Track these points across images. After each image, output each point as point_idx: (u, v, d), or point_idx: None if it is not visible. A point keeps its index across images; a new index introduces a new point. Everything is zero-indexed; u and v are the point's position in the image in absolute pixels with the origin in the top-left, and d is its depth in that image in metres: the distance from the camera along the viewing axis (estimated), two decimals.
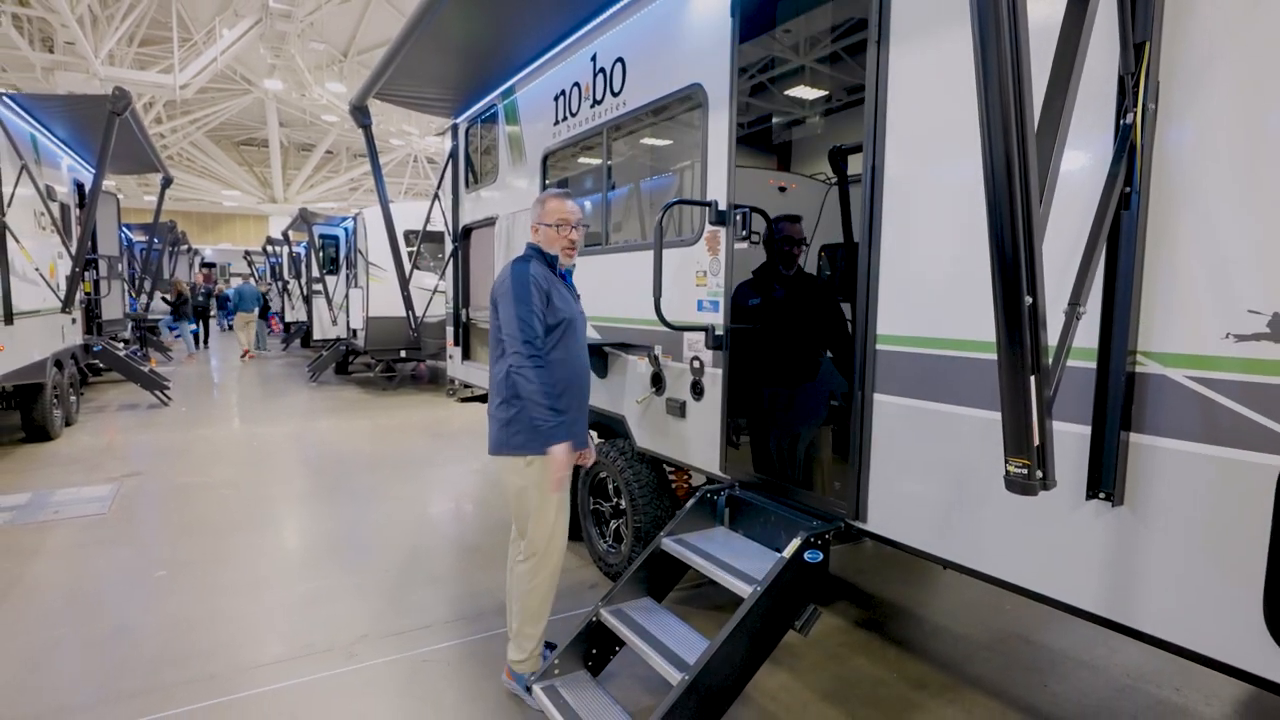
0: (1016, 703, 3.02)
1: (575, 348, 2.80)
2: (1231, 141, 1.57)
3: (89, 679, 3.10)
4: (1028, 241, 1.41)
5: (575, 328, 2.80)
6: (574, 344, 2.79)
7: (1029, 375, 1.46)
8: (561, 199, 2.81)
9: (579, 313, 2.87)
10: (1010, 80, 1.33)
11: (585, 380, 2.91)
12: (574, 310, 2.83)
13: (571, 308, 2.81)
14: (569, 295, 2.85)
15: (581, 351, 2.86)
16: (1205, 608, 1.64)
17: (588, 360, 2.93)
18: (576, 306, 2.87)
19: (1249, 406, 1.54)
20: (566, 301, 2.79)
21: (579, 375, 2.84)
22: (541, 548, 2.78)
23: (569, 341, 2.77)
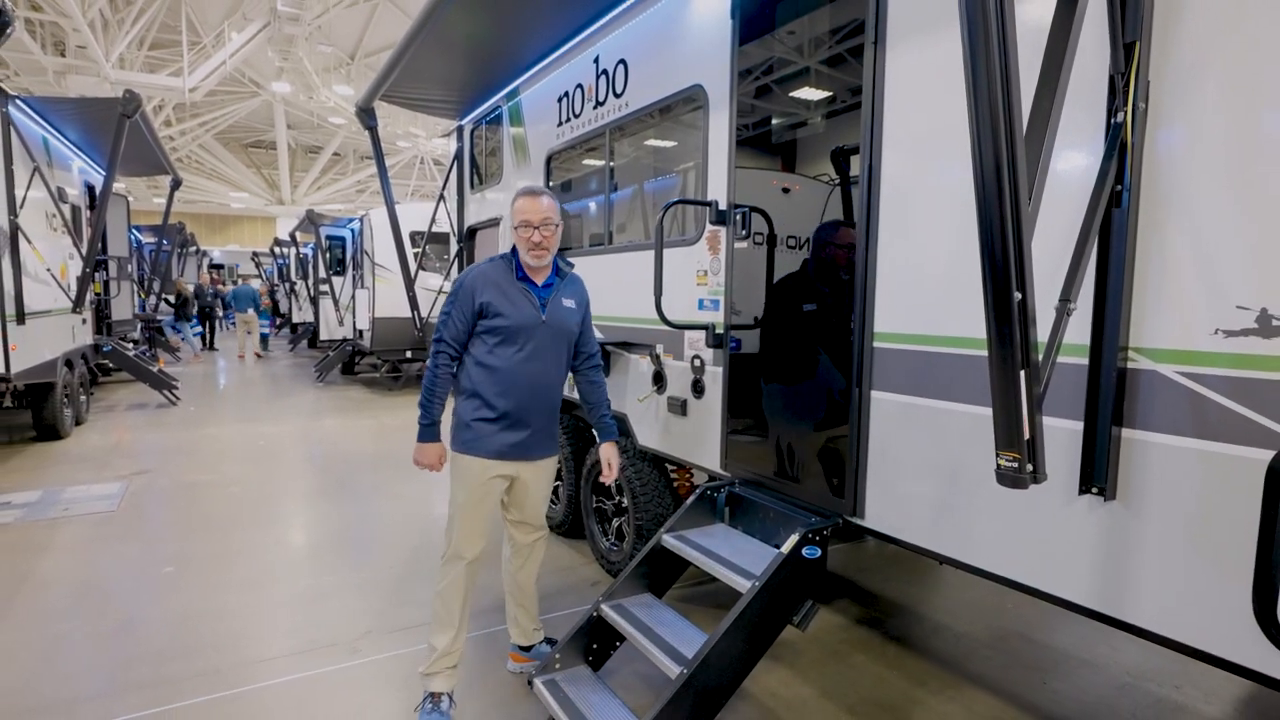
0: (1017, 700, 3.03)
1: (521, 357, 2.67)
2: (1220, 140, 1.59)
3: (98, 671, 3.15)
4: (1017, 239, 1.43)
5: (525, 336, 2.67)
6: (517, 352, 2.67)
7: (1019, 370, 1.48)
8: (530, 197, 2.67)
9: (539, 322, 2.69)
10: (999, 82, 1.36)
11: (536, 392, 2.73)
12: (525, 318, 2.67)
13: (523, 314, 2.67)
14: (528, 301, 2.69)
15: (533, 362, 2.69)
16: (1196, 601, 1.65)
17: (552, 371, 2.77)
18: (537, 315, 2.69)
19: (1238, 401, 1.56)
20: (516, 307, 2.66)
21: (524, 384, 2.69)
22: (446, 550, 2.79)
23: (510, 349, 2.66)
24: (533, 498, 2.93)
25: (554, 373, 2.79)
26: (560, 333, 2.77)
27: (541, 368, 2.73)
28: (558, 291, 2.79)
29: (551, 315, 2.74)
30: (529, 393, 2.71)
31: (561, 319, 2.77)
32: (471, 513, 2.74)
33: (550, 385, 2.78)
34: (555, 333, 2.75)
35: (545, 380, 2.75)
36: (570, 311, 2.82)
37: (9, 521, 5.11)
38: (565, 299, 2.81)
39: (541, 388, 2.74)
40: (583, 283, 2.96)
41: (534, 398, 2.72)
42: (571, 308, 2.82)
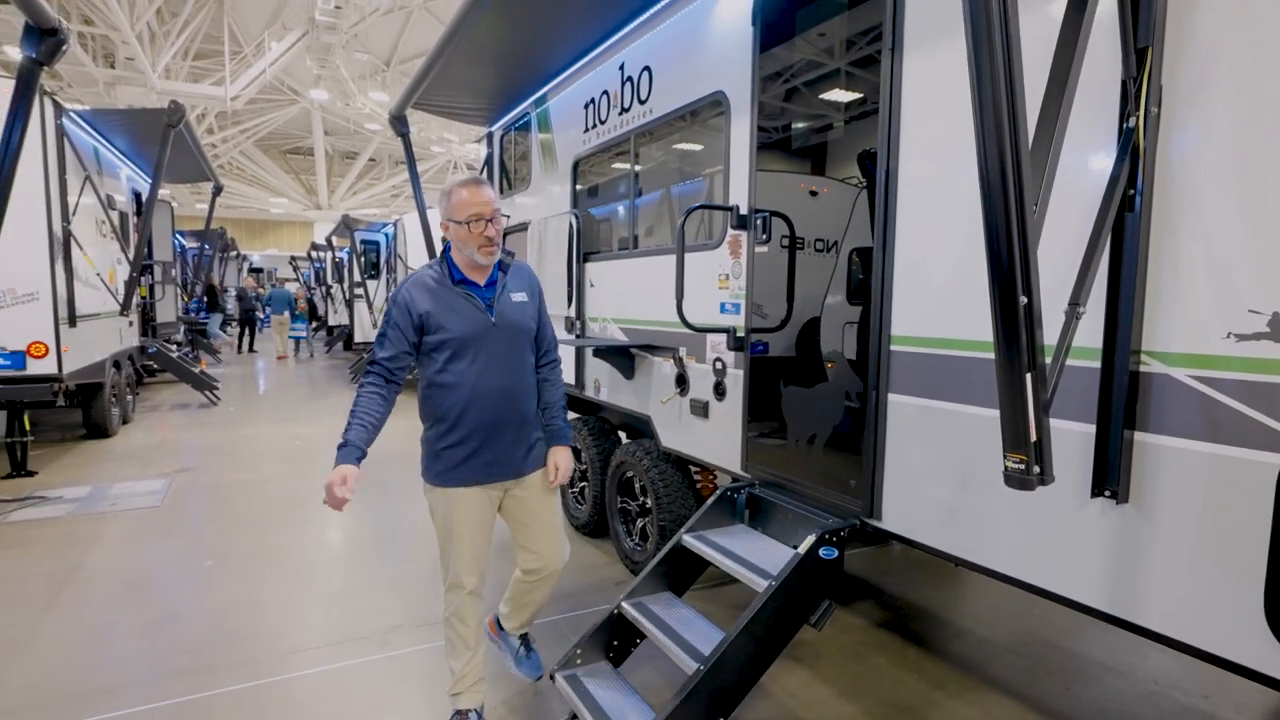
0: (1037, 705, 3.01)
1: (477, 369, 2.41)
2: (1231, 144, 1.59)
3: (142, 658, 3.30)
4: (1022, 243, 1.45)
5: (476, 346, 2.41)
6: (471, 365, 2.40)
7: (1025, 373, 1.50)
8: (473, 187, 2.37)
9: (489, 326, 2.43)
10: (1003, 89, 1.39)
11: (504, 404, 2.46)
12: (471, 326, 2.41)
13: (469, 323, 2.40)
14: (471, 306, 2.42)
15: (492, 372, 2.43)
16: (1208, 604, 1.65)
17: (516, 378, 2.50)
18: (485, 318, 2.43)
19: (1250, 405, 1.56)
20: (459, 316, 2.40)
21: (488, 399, 2.43)
22: (445, 579, 2.61)
23: (463, 364, 2.40)
24: (536, 518, 2.63)
25: (519, 379, 2.51)
26: (516, 332, 2.49)
27: (503, 376, 2.45)
28: (504, 287, 2.50)
29: (502, 315, 2.45)
30: (496, 407, 2.44)
31: (514, 317, 2.48)
32: (463, 546, 2.53)
33: (517, 393, 2.50)
34: (510, 334, 2.47)
35: (511, 389, 2.47)
36: (522, 306, 2.52)
37: (60, 515, 5.35)
38: (514, 294, 2.52)
39: (508, 398, 2.47)
40: (530, 269, 2.68)
41: (503, 411, 2.46)
42: (523, 301, 2.53)
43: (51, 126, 6.28)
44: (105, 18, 16.66)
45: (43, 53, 3.42)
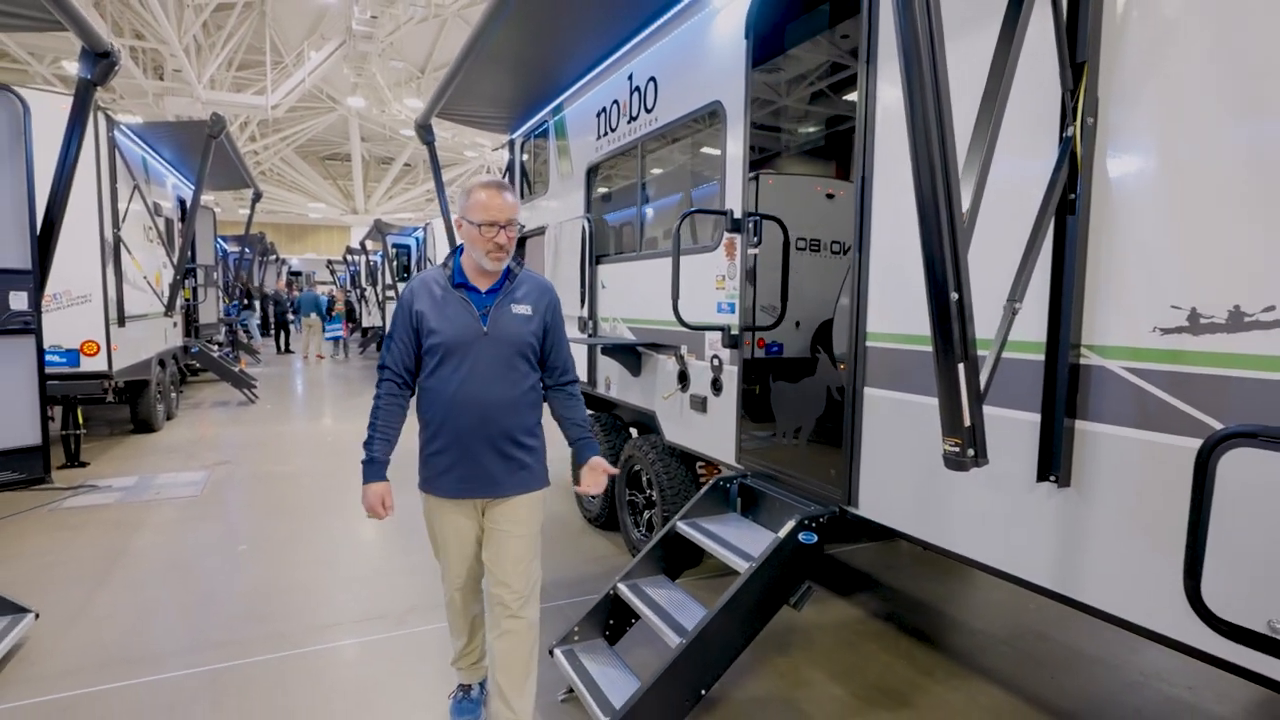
0: (1021, 693, 3.11)
1: (460, 377, 2.32)
2: (1156, 153, 1.72)
3: (183, 631, 3.57)
4: (953, 244, 1.60)
5: (463, 352, 2.32)
6: (454, 372, 2.32)
7: (958, 363, 1.64)
8: (494, 190, 2.29)
9: (479, 335, 2.33)
10: (932, 110, 1.53)
11: (487, 417, 2.34)
12: (460, 331, 2.32)
13: (458, 327, 2.32)
14: (466, 311, 2.34)
15: (475, 381, 2.32)
16: (1139, 582, 1.77)
17: (502, 390, 2.35)
18: (477, 326, 2.33)
19: (1172, 394, 1.68)
20: (449, 319, 2.32)
21: (468, 409, 2.33)
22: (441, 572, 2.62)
23: (448, 369, 2.33)
24: (506, 549, 2.43)
25: (506, 392, 2.36)
26: (508, 345, 2.35)
27: (487, 388, 2.33)
28: (505, 298, 2.39)
29: (495, 325, 2.34)
30: (474, 418, 2.33)
31: (508, 328, 2.36)
32: (444, 553, 2.55)
33: (502, 407, 2.35)
34: (501, 346, 2.34)
35: (494, 402, 2.34)
36: (522, 319, 2.39)
37: (110, 502, 5.72)
38: (516, 305, 2.39)
39: (492, 410, 2.34)
40: (550, 287, 2.54)
41: (484, 424, 2.34)
42: (526, 314, 2.40)
43: (104, 139, 6.69)
44: (155, 32, 17.41)
45: (97, 74, 3.72)
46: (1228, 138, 1.59)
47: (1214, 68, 1.61)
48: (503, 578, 2.44)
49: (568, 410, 2.56)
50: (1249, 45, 1.55)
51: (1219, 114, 1.61)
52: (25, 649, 3.32)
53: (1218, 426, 1.59)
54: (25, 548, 4.67)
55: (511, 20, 3.89)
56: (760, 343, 5.12)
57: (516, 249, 6.89)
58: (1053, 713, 2.96)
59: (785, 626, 3.64)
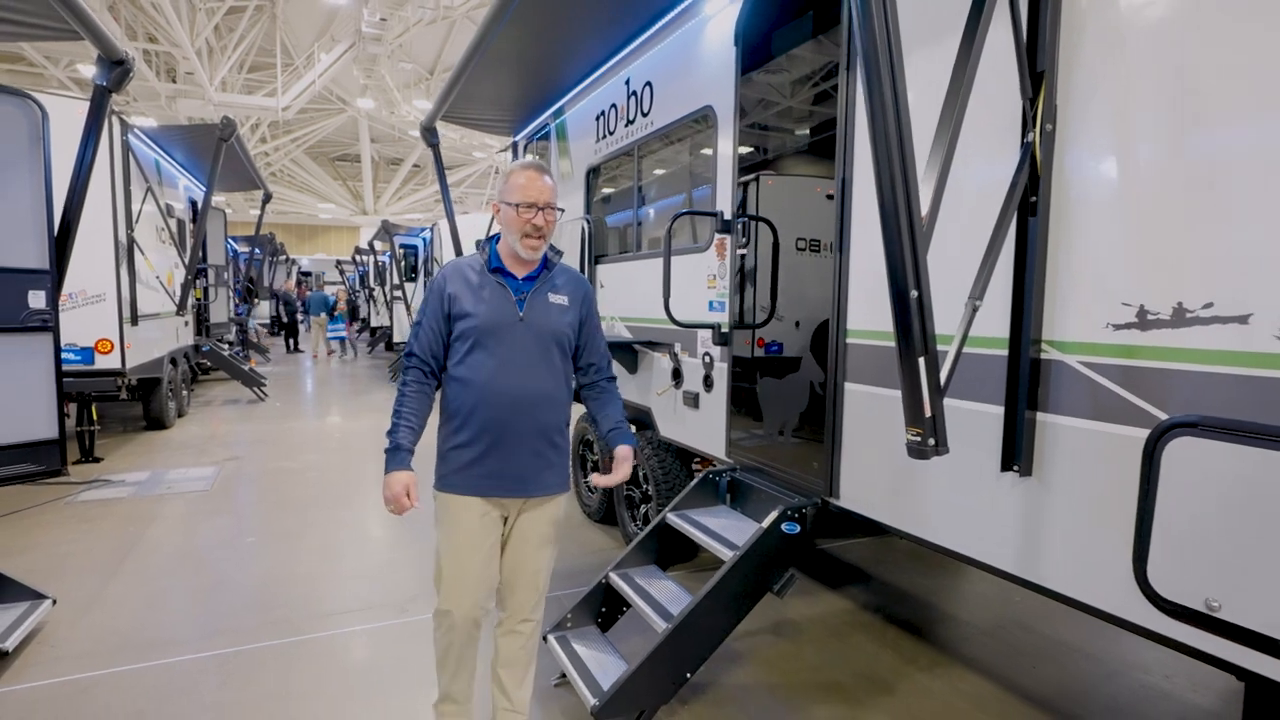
0: (1002, 681, 3.20)
1: (494, 365, 2.20)
2: (1109, 158, 1.81)
3: (193, 618, 3.71)
4: (912, 245, 1.69)
5: (497, 339, 2.20)
6: (489, 359, 2.20)
7: (919, 357, 1.74)
8: (533, 172, 2.21)
9: (515, 321, 2.22)
10: (892, 116, 1.63)
11: (519, 408, 2.22)
12: (496, 316, 2.20)
13: (494, 312, 2.21)
14: (502, 296, 2.23)
15: (511, 371, 2.20)
16: (1093, 565, 1.86)
17: (538, 383, 2.25)
18: (513, 312, 2.22)
19: (1123, 386, 1.77)
20: (486, 304, 2.21)
21: (501, 398, 2.20)
22: (437, 600, 2.35)
23: (481, 356, 2.20)
24: (529, 558, 2.36)
25: (542, 384, 2.25)
26: (545, 334, 2.26)
27: (522, 378, 2.22)
28: (543, 285, 2.29)
29: (531, 314, 2.24)
30: (509, 409, 2.21)
31: (545, 318, 2.26)
32: (459, 561, 2.28)
33: (537, 400, 2.24)
34: (538, 335, 2.24)
35: (530, 394, 2.23)
36: (560, 310, 2.30)
37: (123, 496, 5.87)
38: (554, 295, 2.30)
39: (525, 403, 2.22)
40: (585, 280, 2.46)
41: (516, 415, 2.21)
42: (562, 304, 2.31)
43: (118, 143, 6.86)
44: (168, 35, 17.67)
45: (112, 81, 3.86)
46: (1172, 146, 1.68)
47: (1160, 81, 1.70)
48: (521, 587, 2.37)
49: (610, 407, 2.43)
50: (1191, 61, 1.64)
51: (1165, 124, 1.70)
52: (44, 633, 3.46)
53: (1163, 417, 1.69)
54: (43, 538, 4.82)
55: (513, 25, 4.00)
56: (760, 342, 5.23)
57: None
58: (1032, 700, 3.05)
59: (776, 618, 3.74)
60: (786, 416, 3.20)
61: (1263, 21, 1.52)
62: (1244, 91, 1.56)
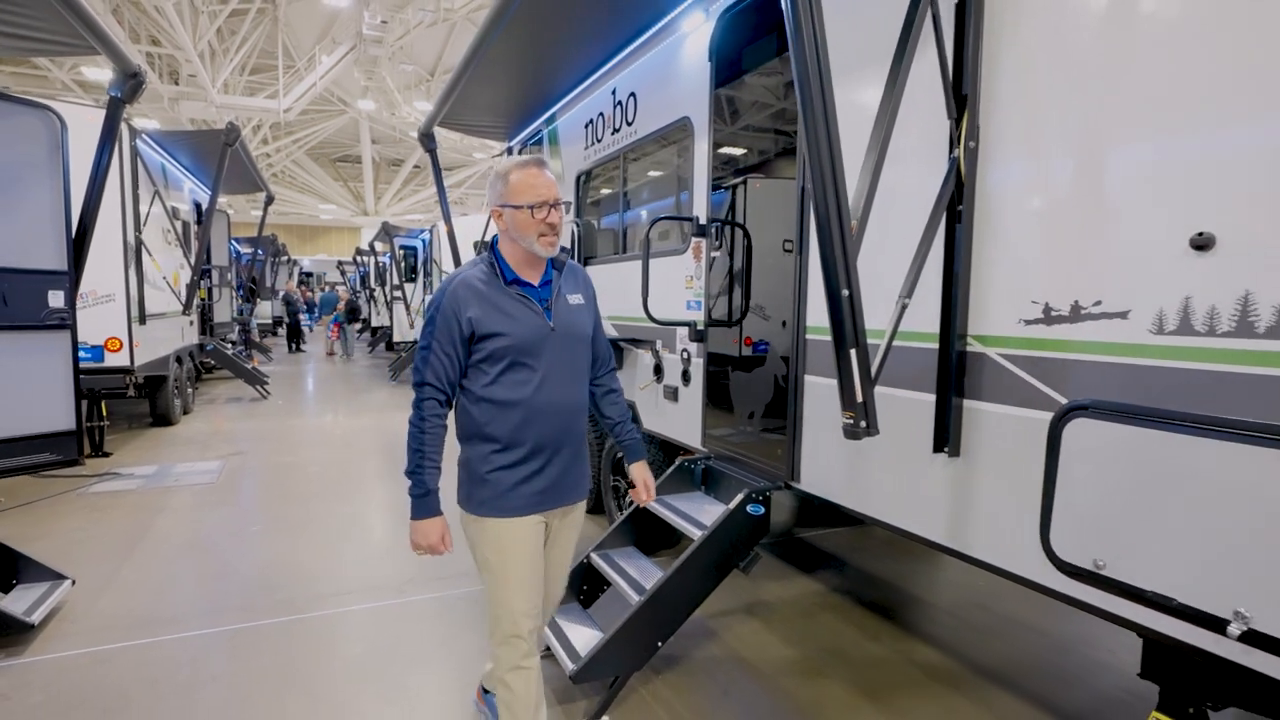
0: (957, 656, 3.43)
1: (536, 381, 2.10)
2: (1020, 173, 2.04)
3: (200, 599, 3.94)
4: (843, 250, 1.92)
5: (534, 354, 2.10)
6: (530, 375, 2.09)
7: (850, 349, 1.97)
8: (535, 169, 2.09)
9: (548, 332, 2.11)
10: (824, 139, 1.86)
11: (563, 420, 2.16)
12: (529, 331, 2.09)
13: (527, 328, 2.09)
14: (528, 309, 2.11)
15: (552, 384, 2.12)
16: (1010, 535, 2.09)
17: (576, 391, 2.21)
18: (544, 323, 2.12)
19: (1032, 374, 2.00)
20: (515, 320, 2.08)
21: (548, 413, 2.12)
22: (495, 629, 2.23)
23: (520, 375, 2.09)
24: (559, 559, 2.38)
25: (578, 393, 2.23)
26: (574, 340, 2.20)
27: (563, 390, 2.15)
28: (560, 288, 2.21)
29: (560, 320, 2.16)
30: (555, 423, 2.14)
31: (572, 322, 2.19)
32: (519, 584, 2.18)
33: (576, 410, 2.21)
34: (568, 341, 2.18)
35: (570, 404, 2.19)
36: (579, 310, 2.24)
37: (133, 488, 6.11)
38: (570, 295, 2.23)
39: (567, 414, 2.17)
40: (584, 270, 2.39)
41: (560, 427, 2.16)
42: (580, 304, 2.25)
43: (127, 148, 7.10)
44: (171, 38, 17.93)
45: (126, 93, 4.09)
46: (1071, 164, 1.91)
47: (1062, 106, 1.93)
48: (551, 594, 2.41)
49: (614, 407, 2.46)
50: (1091, 88, 1.87)
51: (1066, 144, 1.93)
52: (64, 610, 3.70)
53: (1064, 401, 1.91)
54: (58, 527, 5.06)
55: (506, 36, 4.22)
56: (748, 340, 5.46)
57: None
58: (981, 671, 3.28)
59: (749, 599, 3.98)
60: (755, 408, 3.42)
61: (1143, 60, 1.74)
62: (1124, 120, 1.78)
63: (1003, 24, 2.08)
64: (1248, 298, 1.53)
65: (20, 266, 3.70)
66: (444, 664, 3.30)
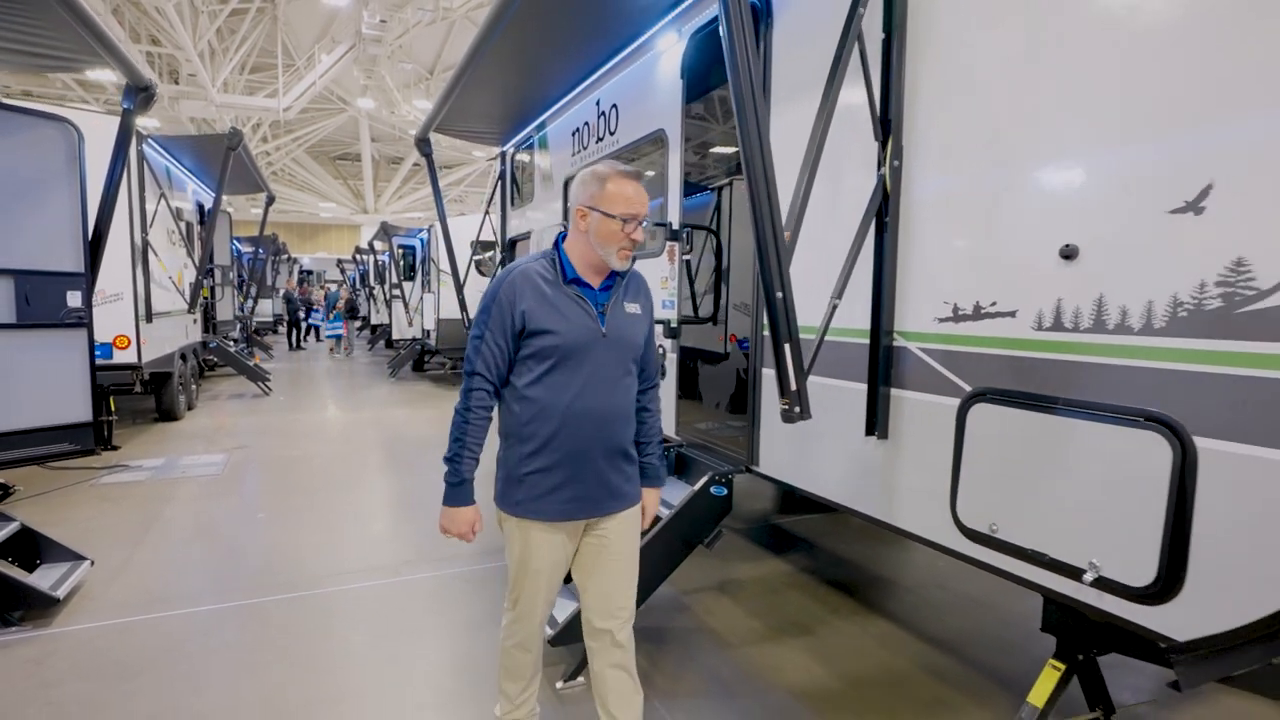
0: (909, 626, 3.72)
1: (579, 385, 2.07)
2: (935, 190, 2.32)
3: (209, 579, 4.23)
4: (778, 257, 2.20)
5: (581, 357, 2.06)
6: (573, 378, 2.07)
7: (784, 343, 2.25)
8: (635, 181, 2.07)
9: (598, 337, 2.08)
10: (759, 161, 2.14)
11: (604, 428, 2.12)
12: (580, 333, 2.06)
13: (578, 330, 2.06)
14: (582, 310, 2.08)
15: (595, 390, 2.08)
16: (928, 507, 2.37)
17: (621, 400, 2.16)
18: (595, 327, 2.08)
19: (944, 366, 2.28)
20: (567, 320, 2.05)
21: (587, 420, 2.09)
22: (509, 608, 2.31)
23: (563, 376, 2.06)
24: (616, 572, 2.27)
25: (623, 401, 2.18)
26: (625, 348, 2.15)
27: (604, 398, 2.11)
28: (618, 294, 2.17)
29: (613, 327, 2.11)
30: (594, 430, 2.10)
31: (624, 330, 2.15)
32: (539, 583, 2.21)
33: (617, 419, 2.16)
34: (619, 349, 2.13)
35: (611, 413, 2.14)
36: (635, 320, 2.19)
37: (142, 479, 6.40)
38: (629, 303, 2.19)
39: (608, 422, 2.13)
40: (644, 279, 2.32)
41: (601, 435, 2.12)
42: (636, 314, 2.20)
43: (134, 152, 7.37)
44: (171, 38, 18.20)
45: (138, 105, 4.38)
46: (975, 181, 2.20)
47: (969, 133, 2.21)
48: (614, 606, 2.27)
49: (652, 426, 2.36)
50: (990, 120, 2.15)
51: (970, 164, 2.21)
52: (84, 589, 3.99)
53: (968, 389, 2.20)
54: (72, 515, 5.35)
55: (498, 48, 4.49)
56: (733, 338, 5.74)
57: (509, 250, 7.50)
58: (932, 641, 3.57)
59: (721, 578, 4.27)
60: (721, 399, 3.70)
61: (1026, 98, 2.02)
62: (1013, 147, 2.07)
63: (922, 60, 2.36)
64: (1101, 299, 1.81)
65: (42, 269, 3.98)
66: (436, 636, 3.59)
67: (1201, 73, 1.62)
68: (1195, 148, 1.63)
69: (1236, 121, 1.56)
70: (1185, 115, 1.66)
